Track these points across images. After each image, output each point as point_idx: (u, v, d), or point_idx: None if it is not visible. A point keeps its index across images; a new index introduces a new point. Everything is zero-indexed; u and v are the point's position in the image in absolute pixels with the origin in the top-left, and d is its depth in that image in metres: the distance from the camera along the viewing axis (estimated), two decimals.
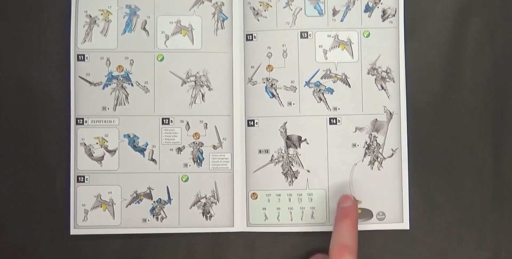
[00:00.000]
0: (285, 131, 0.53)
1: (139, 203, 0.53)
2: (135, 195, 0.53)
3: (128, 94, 0.53)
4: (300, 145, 0.53)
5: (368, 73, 0.53)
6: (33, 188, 0.53)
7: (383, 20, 0.53)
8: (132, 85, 0.53)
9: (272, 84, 0.53)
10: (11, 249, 0.53)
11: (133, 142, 0.53)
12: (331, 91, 0.53)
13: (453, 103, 0.53)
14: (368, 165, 0.53)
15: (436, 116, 0.53)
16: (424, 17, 0.54)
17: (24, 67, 0.54)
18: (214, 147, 0.53)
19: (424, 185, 0.54)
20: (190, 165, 0.53)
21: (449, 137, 0.53)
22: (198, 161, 0.53)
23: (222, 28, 0.54)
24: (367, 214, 0.53)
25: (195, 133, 0.53)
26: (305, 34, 0.53)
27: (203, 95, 0.53)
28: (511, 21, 0.54)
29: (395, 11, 0.53)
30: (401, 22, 0.53)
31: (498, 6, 0.55)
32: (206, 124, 0.53)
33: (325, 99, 0.53)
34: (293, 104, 0.53)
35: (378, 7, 0.53)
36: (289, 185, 0.53)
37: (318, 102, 0.53)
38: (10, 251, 0.53)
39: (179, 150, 0.53)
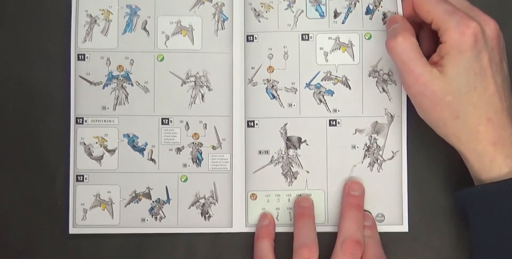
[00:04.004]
0: (285, 132, 0.53)
1: (138, 202, 0.53)
2: (134, 194, 0.53)
3: (128, 94, 0.53)
4: (300, 146, 0.53)
5: (369, 76, 0.53)
6: (32, 187, 0.53)
7: (384, 23, 0.52)
8: (132, 85, 0.53)
9: (272, 85, 0.53)
10: (11, 248, 0.53)
11: (132, 141, 0.53)
12: (331, 93, 0.53)
13: None
14: (368, 166, 0.53)
15: None
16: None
17: (24, 67, 0.54)
18: (213, 147, 0.53)
19: (424, 188, 0.53)
20: (189, 165, 0.53)
21: None
22: (197, 161, 0.53)
23: (222, 28, 0.53)
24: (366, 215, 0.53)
25: (195, 134, 0.53)
26: (306, 36, 0.53)
27: (202, 96, 0.53)
28: (511, 21, 0.54)
29: (395, 14, 0.52)
30: None
31: (498, 6, 0.54)
32: (206, 124, 0.53)
33: (325, 101, 0.53)
34: (294, 105, 0.53)
35: (378, 10, 0.53)
36: (289, 185, 0.53)
37: (318, 103, 0.53)
38: (9, 250, 0.53)
39: (179, 150, 0.53)
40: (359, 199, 0.52)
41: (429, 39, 0.50)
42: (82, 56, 0.53)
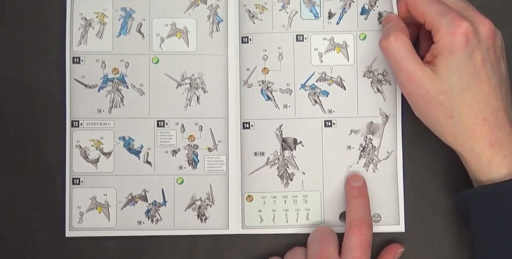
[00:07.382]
0: (281, 134, 0.53)
1: (134, 205, 0.53)
2: (130, 197, 0.53)
3: (123, 96, 0.53)
4: (295, 147, 0.53)
5: (364, 76, 0.53)
6: (29, 190, 0.53)
7: (380, 23, 0.53)
8: (127, 87, 0.53)
9: (267, 87, 0.53)
10: (8, 250, 0.53)
11: (128, 144, 0.53)
12: (326, 94, 0.53)
13: None
14: (363, 167, 0.53)
15: None
16: None
17: (20, 70, 0.54)
18: (209, 149, 0.53)
19: (420, 187, 0.54)
20: (185, 168, 0.53)
21: None
22: (193, 163, 0.53)
23: (217, 30, 0.53)
24: None
25: (190, 136, 0.53)
26: (301, 37, 0.53)
27: (198, 98, 0.53)
28: (511, 21, 0.54)
29: (390, 14, 0.53)
30: None
31: (498, 6, 0.54)
32: (201, 126, 0.53)
33: (320, 101, 0.53)
34: (289, 106, 0.53)
35: (374, 10, 0.53)
36: (285, 187, 0.53)
37: (313, 104, 0.53)
38: (6, 253, 0.53)
39: (174, 152, 0.53)
40: (361, 189, 0.51)
41: (428, 39, 0.50)
42: (77, 59, 0.53)
